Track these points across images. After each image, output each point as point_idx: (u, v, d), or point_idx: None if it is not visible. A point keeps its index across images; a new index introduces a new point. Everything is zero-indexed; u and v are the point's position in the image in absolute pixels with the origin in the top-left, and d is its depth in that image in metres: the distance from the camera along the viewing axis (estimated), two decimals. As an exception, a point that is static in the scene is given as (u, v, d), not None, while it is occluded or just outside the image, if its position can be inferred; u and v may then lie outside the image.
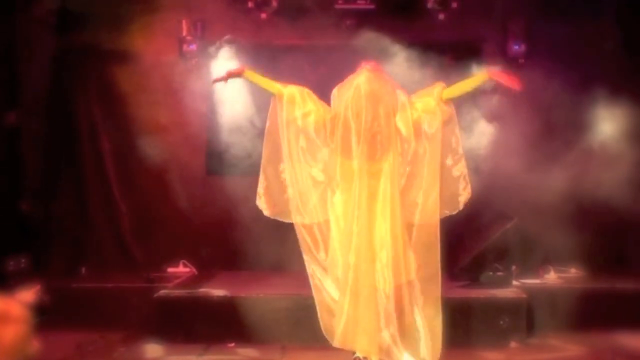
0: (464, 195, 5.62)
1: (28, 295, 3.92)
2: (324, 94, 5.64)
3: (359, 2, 7.99)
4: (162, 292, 7.00)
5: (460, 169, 5.59)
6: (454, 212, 5.66)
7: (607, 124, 7.86)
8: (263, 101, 8.14)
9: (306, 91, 5.62)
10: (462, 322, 6.57)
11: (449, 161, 5.57)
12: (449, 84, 5.58)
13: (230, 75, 5.91)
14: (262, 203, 5.66)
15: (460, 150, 5.58)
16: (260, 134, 8.15)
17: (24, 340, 3.13)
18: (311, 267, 5.60)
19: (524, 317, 6.67)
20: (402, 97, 5.54)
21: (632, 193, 7.71)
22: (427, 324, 5.53)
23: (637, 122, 7.79)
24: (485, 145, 8.24)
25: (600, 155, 7.82)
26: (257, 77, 5.77)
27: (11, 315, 3.07)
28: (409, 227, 5.52)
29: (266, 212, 5.67)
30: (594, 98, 7.91)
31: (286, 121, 5.59)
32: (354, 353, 5.50)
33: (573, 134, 7.94)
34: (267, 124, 5.71)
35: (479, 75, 5.71)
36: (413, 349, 5.51)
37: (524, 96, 7.89)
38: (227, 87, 8.38)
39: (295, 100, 5.57)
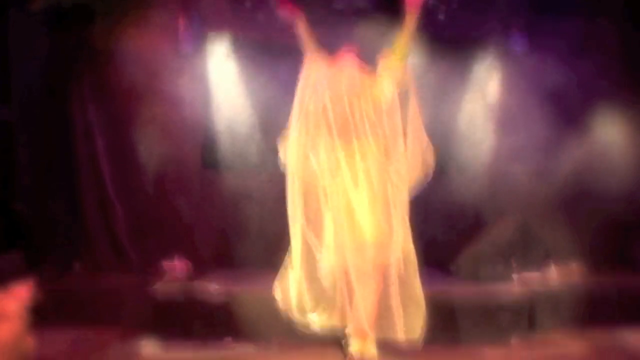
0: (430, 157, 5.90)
1: (23, 293, 3.86)
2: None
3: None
4: (158, 288, 6.92)
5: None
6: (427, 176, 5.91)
7: (610, 120, 7.82)
8: (260, 95, 8.21)
9: None
10: (461, 318, 6.54)
11: (411, 126, 5.81)
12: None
13: (286, 7, 6.07)
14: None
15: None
16: (258, 129, 8.30)
17: (20, 338, 3.08)
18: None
19: (524, 313, 6.62)
20: (377, 82, 5.83)
21: (635, 189, 7.71)
22: (410, 301, 5.70)
23: (641, 118, 7.78)
24: (487, 141, 8.23)
25: (603, 150, 7.79)
26: (307, 32, 6.00)
27: (7, 313, 3.03)
28: (387, 203, 5.71)
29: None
30: (596, 95, 7.88)
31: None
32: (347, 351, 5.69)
33: (575, 130, 7.88)
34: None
35: (405, 22, 5.80)
36: (395, 327, 5.69)
37: (525, 93, 7.91)
38: (225, 85, 8.43)
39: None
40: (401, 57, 5.74)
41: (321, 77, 5.82)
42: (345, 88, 5.73)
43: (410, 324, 5.67)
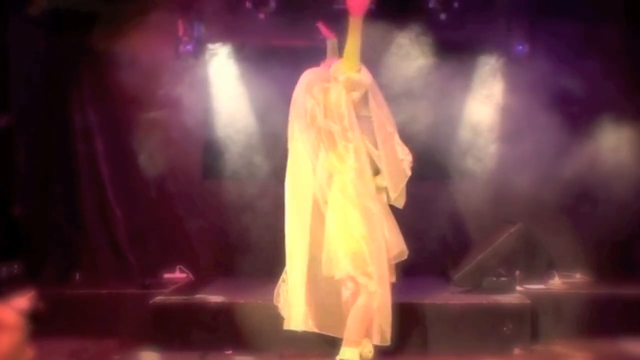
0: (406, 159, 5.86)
1: (22, 302, 3.82)
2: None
3: (359, 1, 7.90)
4: (158, 298, 6.86)
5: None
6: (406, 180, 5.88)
7: (613, 126, 7.77)
8: (262, 104, 8.17)
9: None
10: (464, 329, 6.51)
11: (379, 133, 5.81)
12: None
13: (321, 29, 6.37)
14: None
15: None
16: (259, 137, 8.27)
17: (19, 348, 3.04)
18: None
19: (528, 324, 6.56)
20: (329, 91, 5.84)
21: (639, 197, 7.67)
22: (383, 308, 5.71)
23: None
24: (490, 146, 8.20)
25: (606, 158, 7.73)
26: (334, 52, 6.21)
27: (6, 323, 2.99)
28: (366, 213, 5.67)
29: None
30: (599, 99, 7.82)
31: None
32: None
33: (578, 136, 7.83)
34: None
35: (350, 26, 5.69)
36: (369, 333, 5.75)
37: (527, 96, 7.88)
38: (225, 90, 8.40)
39: None
40: (350, 62, 5.68)
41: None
42: (307, 99, 5.81)
43: (383, 330, 5.74)
